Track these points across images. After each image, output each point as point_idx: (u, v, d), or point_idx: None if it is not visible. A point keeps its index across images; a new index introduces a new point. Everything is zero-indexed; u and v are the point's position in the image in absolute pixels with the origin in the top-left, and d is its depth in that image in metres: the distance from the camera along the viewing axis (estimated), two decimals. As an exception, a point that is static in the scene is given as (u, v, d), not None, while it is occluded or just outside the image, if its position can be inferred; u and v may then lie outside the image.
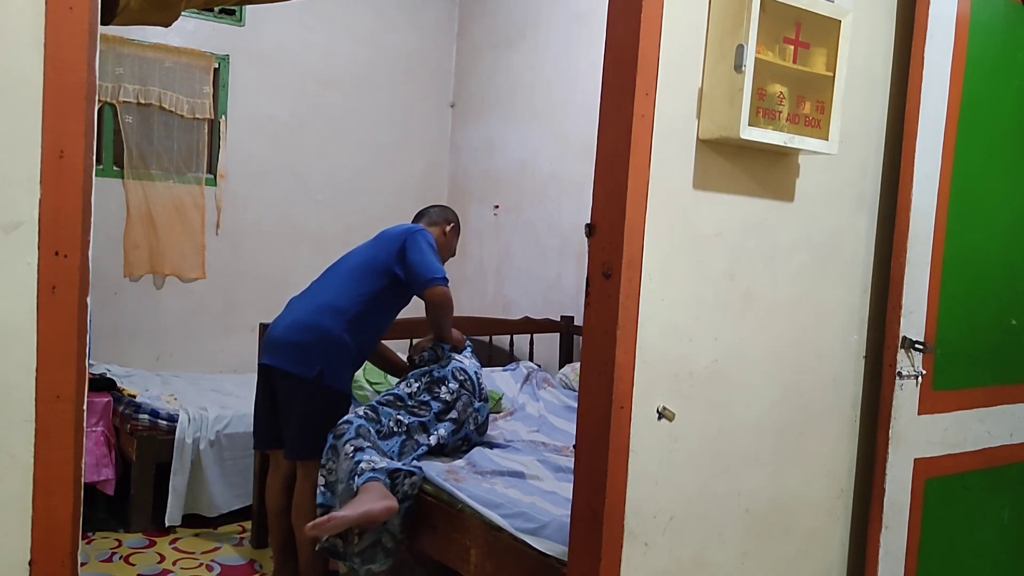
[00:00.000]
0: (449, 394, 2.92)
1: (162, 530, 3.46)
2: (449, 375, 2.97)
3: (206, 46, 4.44)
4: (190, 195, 4.45)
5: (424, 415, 2.87)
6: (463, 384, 2.98)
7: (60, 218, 1.27)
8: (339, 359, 2.81)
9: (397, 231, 2.96)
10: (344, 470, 2.60)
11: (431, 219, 3.16)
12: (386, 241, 2.94)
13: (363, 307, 2.83)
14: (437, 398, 2.91)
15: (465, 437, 2.94)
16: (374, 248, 2.96)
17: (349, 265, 2.95)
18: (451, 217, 3.19)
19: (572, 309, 4.23)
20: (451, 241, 3.16)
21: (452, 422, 2.89)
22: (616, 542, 1.83)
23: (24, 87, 1.24)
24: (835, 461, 2.26)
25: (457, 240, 3.21)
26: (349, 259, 3.00)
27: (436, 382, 2.96)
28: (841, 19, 1.93)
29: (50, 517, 1.31)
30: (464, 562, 2.42)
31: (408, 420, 2.83)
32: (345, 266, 2.97)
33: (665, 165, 1.82)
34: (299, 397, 2.78)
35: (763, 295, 2.05)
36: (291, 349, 2.79)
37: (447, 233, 3.13)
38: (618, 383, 1.78)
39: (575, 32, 4.28)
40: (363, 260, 2.93)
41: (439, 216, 3.17)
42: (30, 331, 1.27)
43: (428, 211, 3.20)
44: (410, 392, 2.94)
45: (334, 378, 2.79)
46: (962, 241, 2.29)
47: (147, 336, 4.37)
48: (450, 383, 2.95)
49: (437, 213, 3.19)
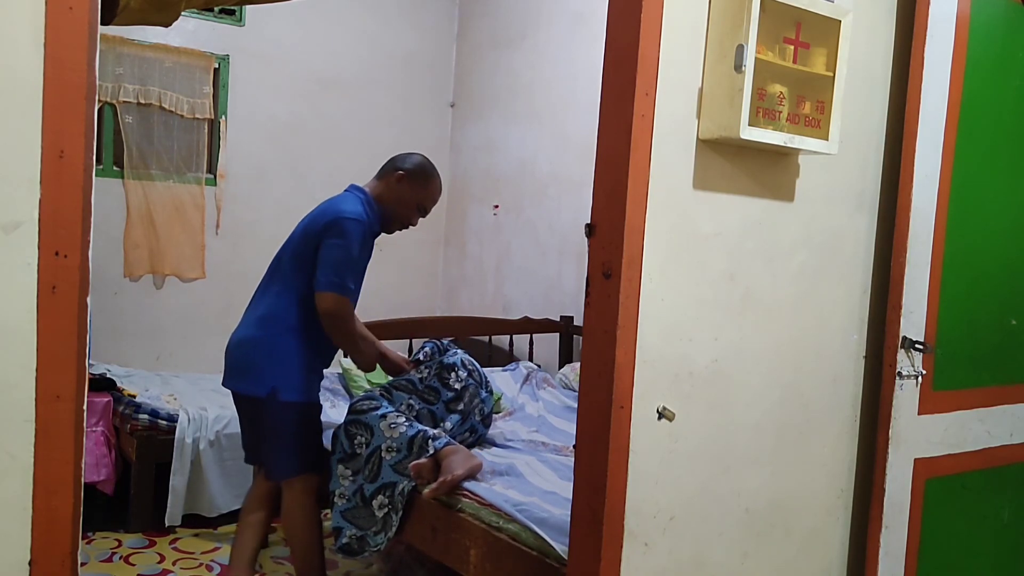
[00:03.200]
0: (458, 382, 2.95)
1: (162, 530, 3.46)
2: (459, 363, 3.00)
3: (206, 46, 4.44)
4: (190, 195, 4.45)
5: (433, 402, 2.91)
6: (471, 373, 3.01)
7: (60, 218, 1.27)
8: (291, 370, 2.60)
9: (323, 216, 2.62)
10: (395, 438, 2.64)
11: (380, 172, 2.78)
12: (312, 228, 2.62)
13: (301, 308, 2.59)
14: (447, 385, 2.94)
15: (471, 428, 2.96)
16: (303, 238, 2.64)
17: (280, 261, 2.69)
18: (403, 164, 2.73)
19: (572, 309, 4.23)
20: (401, 193, 2.70)
21: (459, 413, 2.92)
22: (616, 542, 1.83)
23: (24, 87, 1.24)
24: (835, 461, 2.26)
25: (418, 190, 2.72)
26: (283, 252, 2.71)
27: (446, 368, 2.98)
28: (841, 19, 1.92)
29: (50, 517, 1.31)
30: (464, 562, 2.42)
31: (419, 406, 2.88)
32: (277, 262, 2.71)
33: (665, 165, 1.82)
34: (261, 417, 2.64)
35: (763, 295, 2.05)
36: (241, 369, 2.64)
37: (393, 185, 2.70)
38: (618, 383, 1.78)
39: (575, 32, 4.28)
40: (292, 254, 2.64)
41: (388, 166, 2.77)
42: (30, 331, 1.27)
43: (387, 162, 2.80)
44: (421, 377, 2.97)
45: (291, 391, 2.59)
46: (962, 241, 2.28)
47: (147, 336, 4.37)
48: (460, 371, 2.98)
49: (389, 163, 2.78)
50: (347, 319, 2.60)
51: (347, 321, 2.61)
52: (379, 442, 2.66)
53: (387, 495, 2.61)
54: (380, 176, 2.77)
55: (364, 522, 2.64)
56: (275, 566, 3.25)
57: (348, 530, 2.66)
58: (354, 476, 2.70)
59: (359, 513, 2.66)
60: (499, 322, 4.27)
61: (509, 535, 2.29)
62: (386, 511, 2.60)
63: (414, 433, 2.64)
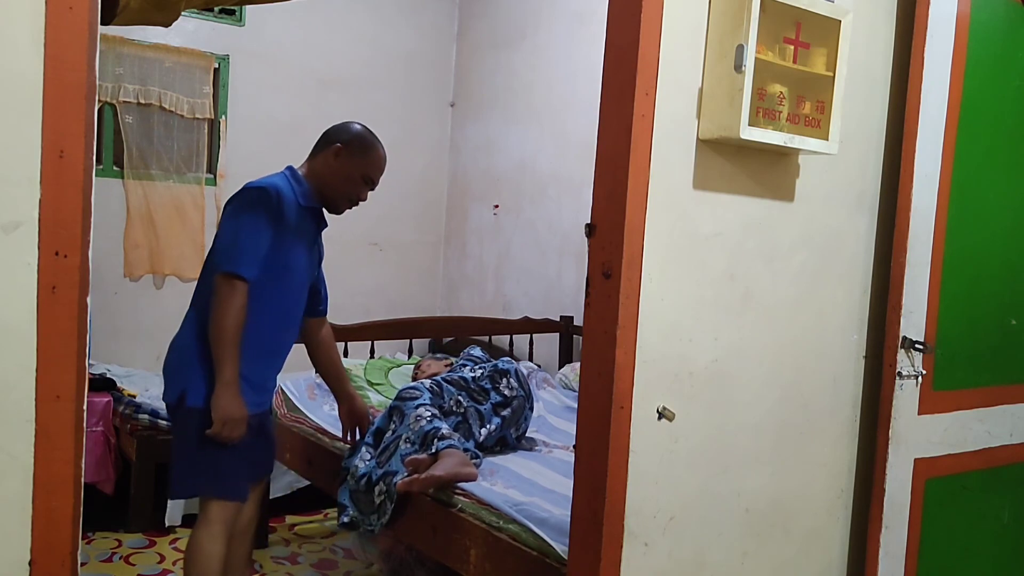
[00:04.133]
0: (509, 389, 2.97)
1: (162, 530, 3.46)
2: (513, 371, 3.03)
3: (206, 46, 4.44)
4: (190, 195, 4.45)
5: (482, 402, 2.92)
6: (522, 385, 3.03)
7: (60, 218, 1.27)
8: (205, 370, 2.22)
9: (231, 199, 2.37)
10: (415, 431, 2.66)
11: (314, 149, 2.50)
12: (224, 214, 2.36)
13: None
14: (497, 389, 2.96)
15: (503, 438, 2.97)
16: None
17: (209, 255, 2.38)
18: (339, 137, 2.43)
19: (572, 309, 4.23)
20: (341, 167, 2.40)
21: (502, 419, 2.93)
22: (616, 542, 1.83)
23: (24, 87, 1.24)
24: (835, 461, 2.26)
25: (359, 161, 2.42)
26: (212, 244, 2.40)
27: (500, 373, 3.01)
28: (841, 19, 1.93)
29: (50, 517, 1.30)
30: (464, 562, 2.42)
31: (467, 403, 2.88)
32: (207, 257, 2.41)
33: (665, 165, 1.82)
34: (172, 428, 2.39)
35: (763, 295, 2.05)
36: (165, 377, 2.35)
37: (331, 160, 2.41)
38: (618, 383, 1.78)
39: (575, 32, 4.28)
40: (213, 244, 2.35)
41: (322, 141, 2.47)
42: (30, 331, 1.27)
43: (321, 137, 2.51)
44: (474, 376, 2.98)
45: (200, 395, 2.22)
46: (962, 241, 2.29)
47: (147, 336, 4.37)
48: (511, 379, 3.00)
49: (323, 138, 2.48)
50: (223, 301, 2.17)
51: (223, 303, 2.17)
52: (403, 431, 2.71)
53: (386, 483, 2.62)
54: (315, 153, 2.48)
55: (364, 506, 2.68)
56: (275, 566, 3.25)
57: (351, 510, 2.71)
58: (371, 459, 2.73)
59: (360, 497, 2.69)
60: (499, 322, 4.27)
61: (509, 535, 2.28)
62: (382, 499, 2.62)
63: (429, 429, 2.66)
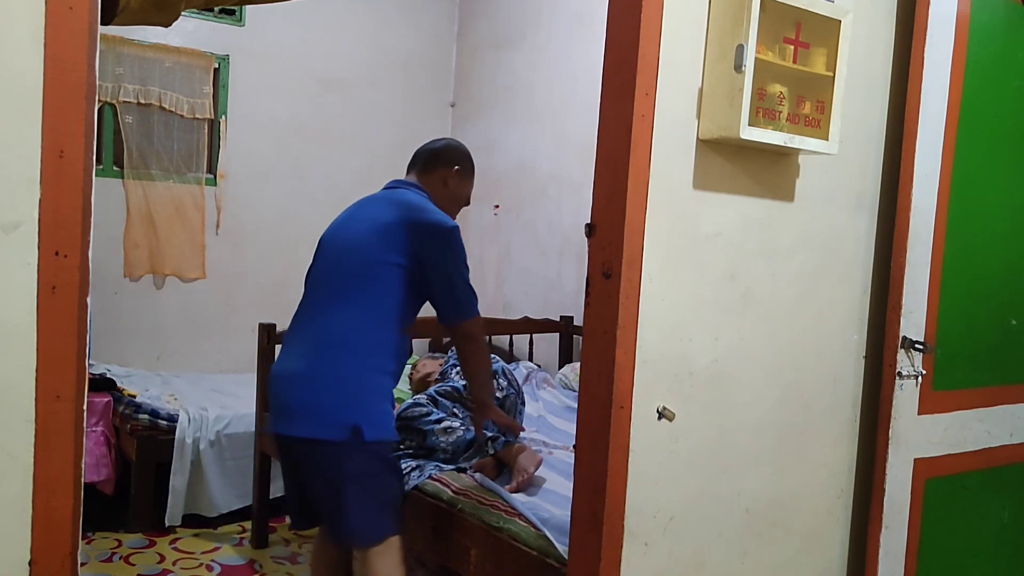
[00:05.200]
0: (499, 391, 2.98)
1: (162, 530, 3.46)
2: (500, 371, 3.03)
3: (206, 46, 4.44)
4: (190, 195, 4.45)
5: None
6: (511, 383, 3.04)
7: (60, 218, 1.27)
8: (376, 401, 2.13)
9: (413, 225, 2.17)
10: (454, 442, 2.74)
11: (424, 166, 2.34)
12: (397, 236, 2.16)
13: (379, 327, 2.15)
14: None
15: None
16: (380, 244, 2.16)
17: (338, 274, 2.20)
18: (455, 157, 2.36)
19: (572, 309, 4.23)
20: (457, 189, 2.35)
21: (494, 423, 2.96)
22: (616, 542, 1.83)
23: (24, 87, 1.24)
24: (835, 461, 2.26)
25: (469, 182, 2.41)
26: (338, 263, 2.22)
27: None
28: (841, 19, 1.93)
29: (50, 517, 1.30)
30: (464, 562, 2.42)
31: (462, 414, 2.89)
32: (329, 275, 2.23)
33: (665, 165, 1.81)
34: (333, 467, 2.09)
35: (763, 295, 2.04)
36: (306, 410, 2.11)
37: (451, 181, 2.34)
38: (618, 383, 1.78)
39: (575, 32, 4.28)
40: (363, 262, 2.16)
41: (433, 160, 2.34)
42: (30, 331, 1.27)
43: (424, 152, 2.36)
44: (465, 384, 2.98)
45: (377, 427, 2.10)
46: (962, 241, 2.28)
47: (147, 336, 4.37)
48: (500, 379, 3.00)
49: (433, 157, 2.34)
50: (482, 341, 2.32)
51: (482, 343, 2.32)
52: (433, 446, 2.74)
53: None
54: (426, 171, 2.34)
55: None
56: (275, 566, 3.25)
57: None
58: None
59: None
60: (499, 322, 4.26)
61: (509, 535, 2.29)
62: None
63: (472, 436, 2.73)
